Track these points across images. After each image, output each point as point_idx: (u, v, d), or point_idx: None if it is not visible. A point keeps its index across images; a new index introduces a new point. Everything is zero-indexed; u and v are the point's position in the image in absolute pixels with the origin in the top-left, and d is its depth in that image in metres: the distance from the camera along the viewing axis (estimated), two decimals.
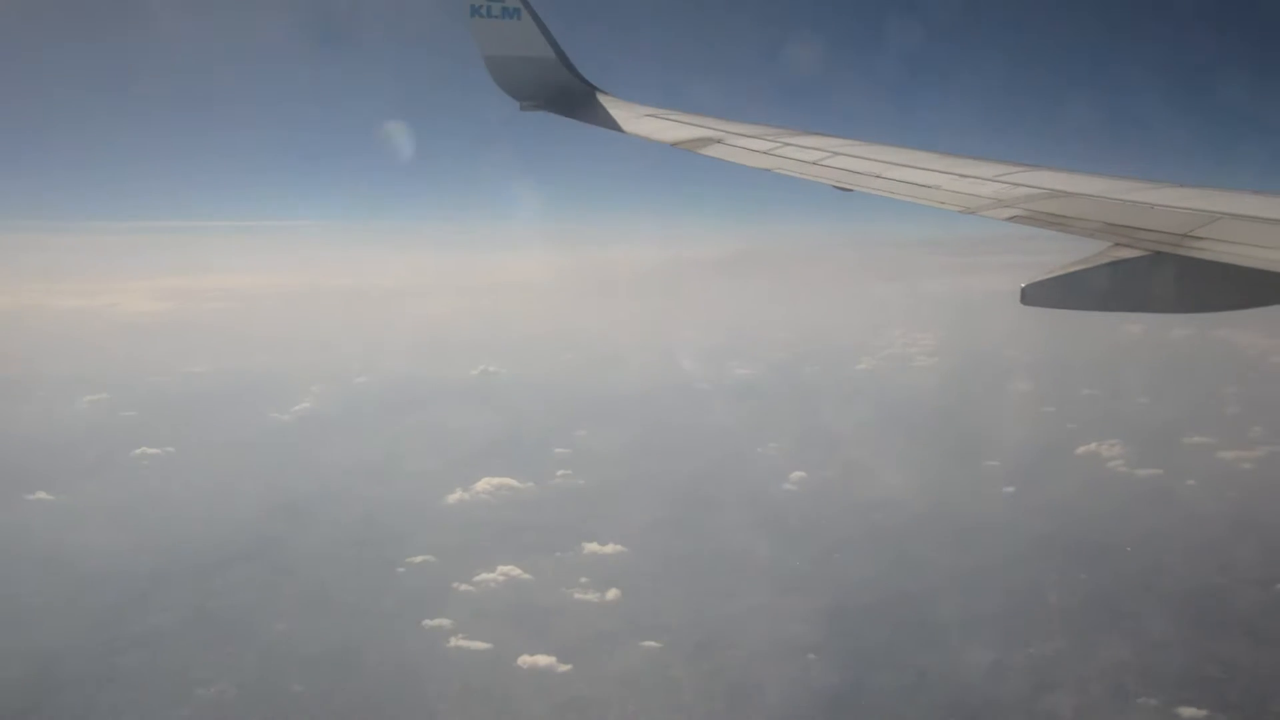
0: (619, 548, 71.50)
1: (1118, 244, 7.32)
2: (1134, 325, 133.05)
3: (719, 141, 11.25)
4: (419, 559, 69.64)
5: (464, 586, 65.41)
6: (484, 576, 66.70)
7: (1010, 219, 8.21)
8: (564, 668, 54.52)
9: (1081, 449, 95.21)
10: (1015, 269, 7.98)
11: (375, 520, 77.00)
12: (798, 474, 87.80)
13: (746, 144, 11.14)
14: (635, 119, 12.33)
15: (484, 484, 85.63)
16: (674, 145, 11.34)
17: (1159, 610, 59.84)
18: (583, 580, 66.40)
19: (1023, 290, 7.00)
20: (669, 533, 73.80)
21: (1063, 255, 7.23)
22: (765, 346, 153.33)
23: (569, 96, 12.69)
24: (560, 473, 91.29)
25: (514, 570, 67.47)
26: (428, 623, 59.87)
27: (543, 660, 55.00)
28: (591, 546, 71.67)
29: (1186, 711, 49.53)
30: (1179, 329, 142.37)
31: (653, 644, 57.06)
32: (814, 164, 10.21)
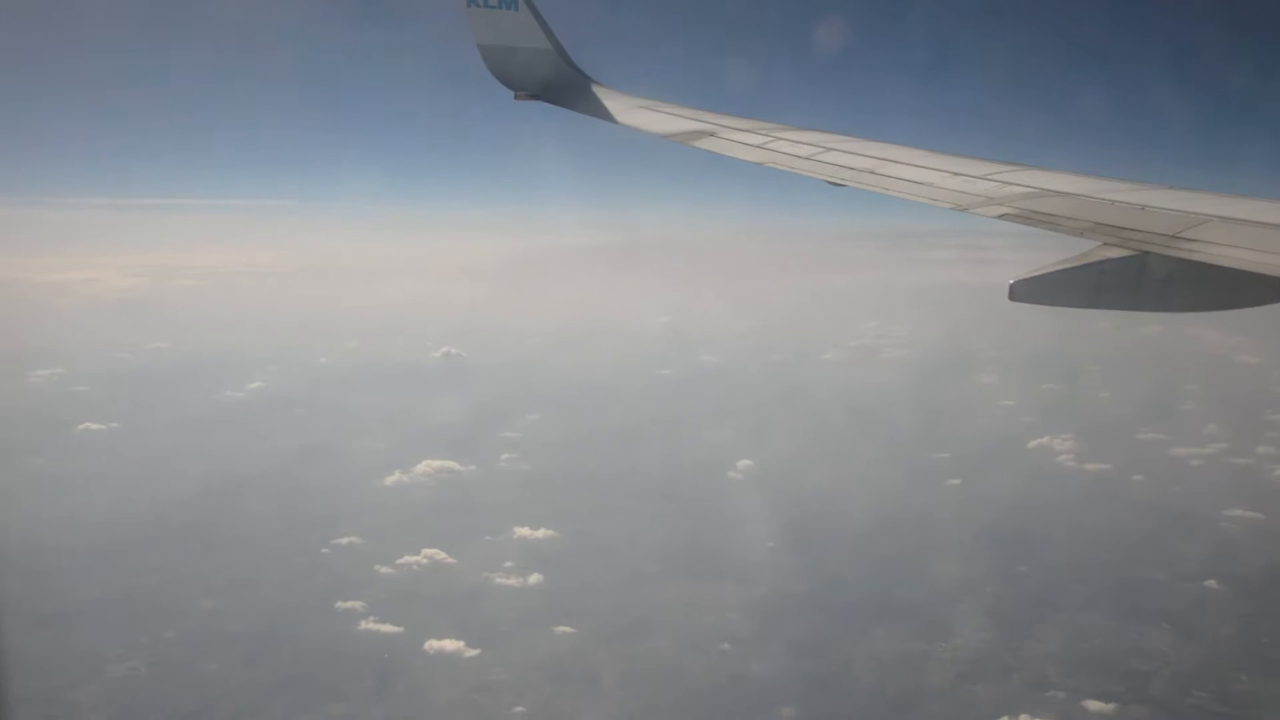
0: (550, 532, 70.42)
1: (1106, 243, 7.44)
2: (1106, 321, 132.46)
3: (712, 135, 11.27)
4: (346, 540, 68.48)
5: (385, 569, 64.36)
6: (407, 559, 65.59)
7: (1001, 216, 8.38)
8: (472, 653, 53.51)
9: (1034, 443, 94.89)
10: (1004, 265, 8.10)
11: (311, 500, 75.88)
12: (745, 462, 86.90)
13: (740, 138, 11.16)
14: (629, 110, 12.39)
15: (425, 466, 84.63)
16: (667, 137, 11.39)
17: (1094, 604, 59.77)
18: (507, 565, 65.30)
19: (1011, 286, 7.13)
20: (605, 518, 72.95)
21: (1052, 253, 7.39)
22: (735, 334, 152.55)
23: (564, 87, 12.73)
24: (505, 456, 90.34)
25: (438, 553, 66.24)
26: (341, 604, 58.78)
27: (450, 645, 53.94)
28: (522, 531, 70.57)
29: (1093, 705, 49.08)
30: (1151, 325, 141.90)
31: (568, 629, 56.16)
32: (807, 159, 10.29)
